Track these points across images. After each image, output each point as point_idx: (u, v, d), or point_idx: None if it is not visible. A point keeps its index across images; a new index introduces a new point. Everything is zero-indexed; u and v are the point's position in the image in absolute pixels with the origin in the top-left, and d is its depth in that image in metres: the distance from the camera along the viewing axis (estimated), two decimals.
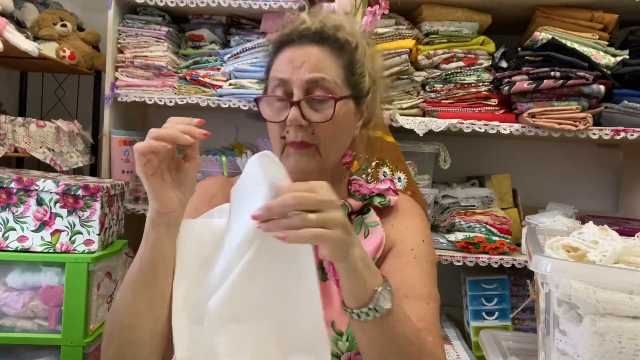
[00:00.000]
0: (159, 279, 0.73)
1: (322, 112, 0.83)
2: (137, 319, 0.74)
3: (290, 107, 0.82)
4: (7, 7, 1.60)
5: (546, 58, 1.50)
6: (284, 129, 0.84)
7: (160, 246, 0.72)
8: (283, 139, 0.84)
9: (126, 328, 0.75)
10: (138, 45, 1.76)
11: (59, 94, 2.10)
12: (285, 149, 0.84)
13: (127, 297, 0.74)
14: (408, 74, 1.60)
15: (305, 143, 0.83)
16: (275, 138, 0.86)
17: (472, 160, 1.96)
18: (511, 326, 1.65)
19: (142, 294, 0.73)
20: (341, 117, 0.85)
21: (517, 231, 1.63)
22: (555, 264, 0.72)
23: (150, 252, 0.72)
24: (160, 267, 0.73)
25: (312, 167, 0.84)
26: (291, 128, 0.82)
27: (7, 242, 1.31)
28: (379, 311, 0.68)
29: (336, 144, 0.87)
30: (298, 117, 0.81)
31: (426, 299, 0.84)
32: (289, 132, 0.83)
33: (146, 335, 0.75)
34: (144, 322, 0.74)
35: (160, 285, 0.74)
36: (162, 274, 0.73)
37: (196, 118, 0.72)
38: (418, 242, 0.90)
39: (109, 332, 0.77)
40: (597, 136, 1.50)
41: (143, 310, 0.74)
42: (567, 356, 0.75)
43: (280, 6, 1.65)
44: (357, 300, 0.69)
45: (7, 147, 1.53)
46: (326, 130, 0.83)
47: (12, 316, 1.32)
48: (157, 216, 0.72)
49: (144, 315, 0.74)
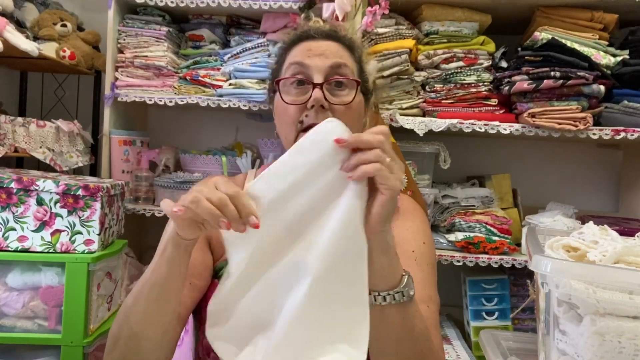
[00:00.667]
0: (171, 293, 0.73)
1: (342, 97, 0.86)
2: (146, 329, 0.74)
3: (313, 89, 0.83)
4: (7, 7, 1.60)
5: (546, 58, 1.50)
6: (303, 112, 0.85)
7: (176, 263, 0.71)
8: (300, 124, 0.85)
9: (134, 336, 0.74)
10: (138, 45, 1.76)
11: (59, 94, 2.10)
12: (299, 135, 0.85)
13: (137, 306, 0.74)
14: (408, 74, 1.60)
15: None
16: (290, 123, 0.86)
17: (472, 160, 1.96)
18: (511, 326, 1.65)
19: (152, 306, 0.73)
20: (357, 104, 0.88)
21: (517, 231, 1.63)
22: (555, 264, 0.72)
23: (166, 267, 0.71)
24: (173, 283, 0.72)
25: None
26: (311, 111, 0.83)
27: (7, 242, 1.31)
28: (405, 295, 0.69)
29: None
30: (321, 98, 0.83)
31: (427, 302, 0.84)
32: (308, 115, 0.84)
33: (153, 346, 0.75)
34: (152, 332, 0.74)
35: (171, 300, 0.73)
36: (175, 289, 0.73)
37: (254, 217, 0.63)
38: (419, 244, 0.90)
39: (115, 336, 0.77)
40: (597, 136, 1.50)
41: (153, 322, 0.74)
42: (567, 356, 0.75)
43: (280, 6, 1.65)
44: (387, 282, 0.69)
45: (7, 147, 1.53)
46: (344, 115, 0.85)
47: (12, 316, 1.32)
48: (179, 238, 0.68)
49: (153, 326, 0.74)
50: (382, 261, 0.68)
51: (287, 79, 0.87)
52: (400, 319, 0.70)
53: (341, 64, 0.86)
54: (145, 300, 0.73)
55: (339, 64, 0.86)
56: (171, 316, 0.75)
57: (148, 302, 0.73)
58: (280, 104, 0.87)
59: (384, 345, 0.72)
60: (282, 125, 0.89)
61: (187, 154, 1.81)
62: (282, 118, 0.88)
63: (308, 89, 0.85)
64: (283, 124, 0.88)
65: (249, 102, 1.67)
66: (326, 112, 0.84)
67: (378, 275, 0.68)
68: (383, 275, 0.68)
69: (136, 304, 0.74)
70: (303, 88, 0.86)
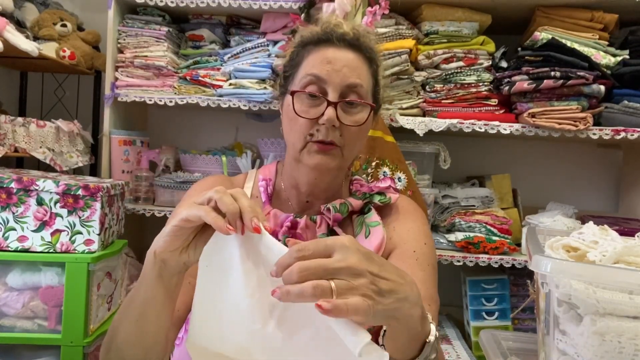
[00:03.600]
0: (150, 319, 0.70)
1: (354, 117, 0.86)
2: (129, 348, 0.73)
3: (327, 107, 0.83)
4: (7, 7, 1.60)
5: (546, 58, 1.50)
6: (314, 126, 0.85)
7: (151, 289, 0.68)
8: (310, 136, 0.85)
9: (120, 351, 0.73)
10: (138, 45, 1.76)
11: (59, 94, 2.10)
12: (307, 146, 0.85)
13: (122, 324, 0.73)
14: (408, 74, 1.60)
15: (333, 143, 0.85)
16: (299, 133, 0.86)
17: (472, 160, 1.96)
18: (511, 326, 1.65)
19: (132, 327, 0.71)
20: (367, 124, 0.88)
21: (517, 231, 1.63)
22: (555, 264, 0.72)
23: (143, 292, 0.69)
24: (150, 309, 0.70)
25: (333, 166, 0.86)
26: (323, 127, 0.84)
27: (7, 242, 1.31)
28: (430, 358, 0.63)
29: (356, 148, 0.90)
30: (334, 118, 0.83)
31: (428, 302, 0.84)
32: (320, 131, 0.84)
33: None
34: (134, 352, 0.73)
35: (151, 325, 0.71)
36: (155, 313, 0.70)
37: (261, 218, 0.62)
38: (420, 245, 0.90)
39: (106, 346, 0.76)
40: (597, 136, 1.50)
41: (134, 342, 0.72)
42: (567, 356, 0.75)
43: (281, 6, 1.65)
44: (404, 354, 0.62)
45: (7, 147, 1.53)
46: (353, 134, 0.86)
47: (12, 316, 1.32)
48: (153, 256, 0.67)
49: (134, 346, 0.72)
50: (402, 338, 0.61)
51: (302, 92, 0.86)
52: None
53: (358, 85, 0.86)
54: (126, 320, 0.72)
55: (356, 85, 0.85)
56: (154, 338, 0.72)
57: (129, 322, 0.71)
58: (291, 111, 0.87)
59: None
60: (291, 132, 0.89)
61: (187, 154, 1.81)
62: (291, 125, 0.88)
63: (322, 102, 0.85)
64: (292, 131, 0.88)
65: (249, 102, 1.67)
66: (336, 130, 0.84)
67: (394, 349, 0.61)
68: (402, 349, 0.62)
69: (121, 322, 0.73)
70: (317, 101, 0.85)
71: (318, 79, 0.85)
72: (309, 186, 0.91)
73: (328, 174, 0.88)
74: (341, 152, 0.86)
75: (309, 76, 0.86)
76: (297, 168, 0.90)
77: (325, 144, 0.84)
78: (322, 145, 0.84)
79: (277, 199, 0.97)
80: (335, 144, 0.85)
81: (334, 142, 0.84)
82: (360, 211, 0.94)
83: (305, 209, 0.94)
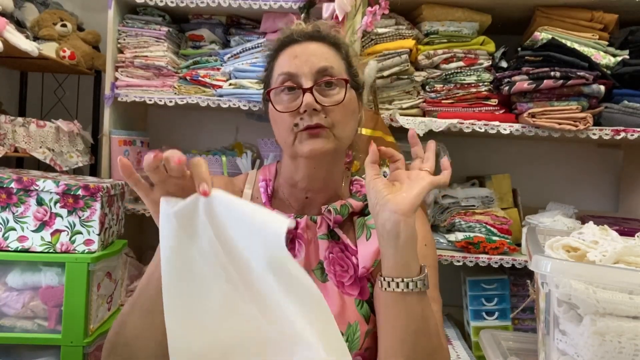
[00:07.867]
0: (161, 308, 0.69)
1: (333, 97, 0.87)
2: (139, 341, 0.73)
3: (303, 95, 0.84)
4: (7, 7, 1.60)
5: (546, 58, 1.50)
6: (297, 116, 0.85)
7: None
8: (296, 127, 0.86)
9: (128, 345, 0.74)
10: (138, 45, 1.76)
11: (59, 94, 2.10)
12: (297, 136, 0.86)
13: (132, 316, 0.73)
14: (408, 74, 1.60)
15: (320, 125, 0.85)
16: (286, 129, 0.87)
17: (472, 160, 1.97)
18: (511, 326, 1.65)
19: (145, 318, 0.72)
20: (349, 101, 0.89)
21: (517, 231, 1.63)
22: (555, 264, 0.72)
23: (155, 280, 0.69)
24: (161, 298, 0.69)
25: (328, 147, 0.86)
26: (305, 114, 0.85)
27: (7, 242, 1.31)
28: (426, 285, 0.74)
29: (347, 128, 0.90)
30: (312, 102, 0.84)
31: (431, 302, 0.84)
32: (303, 118, 0.85)
33: (148, 355, 0.74)
34: (145, 344, 0.73)
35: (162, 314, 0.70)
36: None
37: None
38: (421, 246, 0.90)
39: (112, 343, 0.76)
40: (597, 136, 1.50)
41: (145, 335, 0.73)
42: (567, 356, 0.75)
43: (281, 6, 1.65)
44: (410, 269, 0.73)
45: (7, 147, 1.53)
46: (338, 114, 0.86)
47: (12, 316, 1.32)
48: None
49: (146, 339, 0.73)
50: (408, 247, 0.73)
51: (278, 88, 0.88)
52: (420, 309, 0.73)
53: (327, 67, 0.87)
54: (139, 312, 0.72)
55: (326, 68, 0.87)
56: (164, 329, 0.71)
57: (140, 313, 0.72)
58: (274, 112, 0.88)
59: (404, 336, 0.73)
60: (279, 132, 0.90)
61: (187, 154, 1.81)
62: (278, 125, 0.89)
63: (299, 94, 0.86)
64: (280, 130, 0.89)
65: (249, 102, 1.67)
66: (319, 113, 0.85)
67: (402, 262, 0.73)
68: (407, 261, 0.73)
69: (131, 314, 0.74)
70: (294, 94, 0.86)
71: (290, 75, 0.87)
72: (308, 179, 0.91)
73: (324, 160, 0.88)
74: (332, 133, 0.86)
75: (281, 76, 0.88)
76: (294, 165, 0.91)
77: (313, 128, 0.85)
78: (310, 130, 0.85)
79: (277, 199, 0.97)
80: (322, 126, 0.85)
81: (321, 123, 0.85)
82: (361, 212, 0.94)
83: (305, 207, 0.94)
